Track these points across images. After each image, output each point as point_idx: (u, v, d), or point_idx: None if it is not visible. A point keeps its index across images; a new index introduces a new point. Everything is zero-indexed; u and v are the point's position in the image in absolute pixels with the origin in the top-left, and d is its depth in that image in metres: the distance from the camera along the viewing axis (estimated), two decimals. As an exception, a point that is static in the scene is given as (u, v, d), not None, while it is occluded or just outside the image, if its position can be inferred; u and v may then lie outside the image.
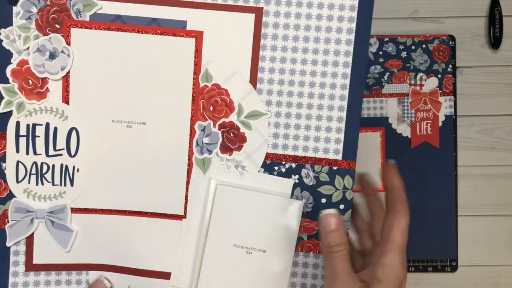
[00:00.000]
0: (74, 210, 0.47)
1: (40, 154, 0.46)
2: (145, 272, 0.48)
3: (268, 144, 0.46)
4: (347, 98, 0.45)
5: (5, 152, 0.46)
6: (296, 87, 0.46)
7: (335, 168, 0.46)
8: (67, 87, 0.45)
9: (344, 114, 0.46)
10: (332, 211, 0.41)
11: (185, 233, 0.47)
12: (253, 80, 0.46)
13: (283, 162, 0.46)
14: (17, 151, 0.46)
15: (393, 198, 0.42)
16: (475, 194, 0.67)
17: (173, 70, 0.45)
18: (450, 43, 0.66)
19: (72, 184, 0.47)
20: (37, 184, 0.47)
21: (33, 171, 0.46)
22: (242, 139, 0.46)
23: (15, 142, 0.46)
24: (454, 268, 0.66)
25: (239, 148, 0.46)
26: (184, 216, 0.47)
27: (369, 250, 0.46)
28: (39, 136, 0.46)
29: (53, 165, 0.46)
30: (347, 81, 0.45)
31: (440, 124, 0.67)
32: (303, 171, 0.46)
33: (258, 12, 0.45)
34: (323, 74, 0.45)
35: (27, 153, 0.46)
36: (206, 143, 0.46)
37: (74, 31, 0.44)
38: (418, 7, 0.67)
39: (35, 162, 0.46)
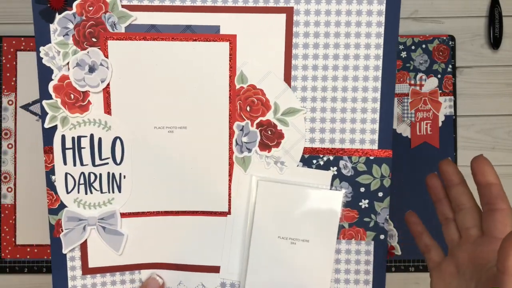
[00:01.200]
0: (123, 215, 0.49)
1: (87, 164, 0.48)
2: (195, 267, 0.50)
3: (305, 139, 0.48)
4: (379, 89, 0.47)
5: (53, 165, 0.48)
6: (329, 82, 0.47)
7: (371, 157, 0.48)
8: (108, 98, 0.47)
9: (378, 105, 0.47)
10: None
11: (230, 228, 0.49)
12: (287, 78, 0.47)
13: (321, 155, 0.48)
14: (65, 163, 0.48)
15: (492, 195, 0.38)
16: (475, 194, 0.66)
17: (209, 74, 0.47)
18: (450, 43, 0.66)
19: (120, 191, 0.49)
20: (86, 193, 0.49)
21: (82, 181, 0.48)
22: (280, 136, 0.48)
23: (62, 155, 0.47)
24: None
25: (277, 144, 0.48)
26: (229, 212, 0.49)
27: (456, 242, 0.42)
28: (84, 148, 0.48)
29: (100, 174, 0.48)
30: (379, 73, 0.46)
31: (440, 124, 0.66)
32: (341, 163, 0.48)
33: (289, 12, 0.46)
34: (355, 67, 0.47)
35: (74, 164, 0.48)
36: (245, 142, 0.48)
37: (111, 44, 0.46)
38: (418, 7, 0.67)
39: (82, 173, 0.48)
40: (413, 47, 0.66)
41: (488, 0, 0.67)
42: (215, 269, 0.50)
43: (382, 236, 0.49)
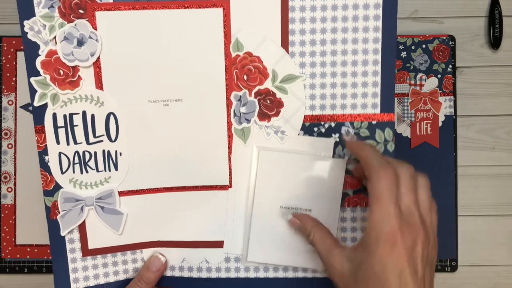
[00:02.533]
0: (122, 193, 0.48)
1: (81, 143, 0.46)
2: (198, 243, 0.49)
3: (306, 106, 0.46)
4: (380, 51, 0.45)
5: (46, 145, 0.46)
6: (328, 46, 0.45)
7: (374, 122, 0.47)
8: (98, 72, 0.45)
9: (379, 68, 0.46)
10: (290, 217, 0.46)
11: (233, 201, 0.48)
12: (285, 43, 0.45)
13: (322, 122, 0.47)
14: (58, 142, 0.46)
15: (364, 163, 0.40)
16: (475, 194, 0.67)
17: (203, 42, 0.45)
18: (450, 43, 0.66)
19: (116, 169, 0.47)
20: (81, 172, 0.47)
21: (76, 160, 0.47)
22: (279, 104, 0.46)
23: (54, 134, 0.46)
24: (454, 268, 0.67)
25: (277, 113, 0.47)
26: (230, 186, 0.48)
27: None
28: (77, 125, 0.46)
29: (95, 152, 0.47)
30: (379, 35, 0.45)
31: (440, 124, 0.66)
32: (343, 129, 0.47)
33: (284, -27, 0.44)
34: (355, 29, 0.45)
35: (68, 143, 0.46)
36: (244, 113, 0.46)
37: (99, 15, 0.43)
38: (418, 7, 0.67)
39: (77, 152, 0.46)
40: (413, 47, 0.66)
41: (488, 0, 0.67)
42: (219, 244, 0.49)
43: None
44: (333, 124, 0.47)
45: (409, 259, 0.35)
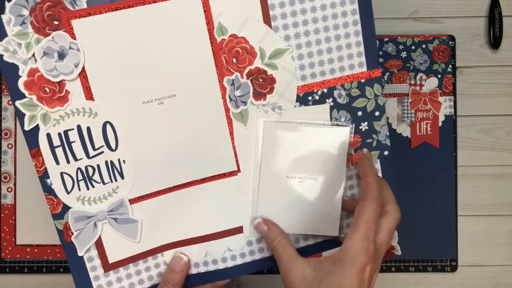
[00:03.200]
0: (132, 201, 0.47)
1: (81, 158, 0.45)
2: (217, 235, 0.49)
3: (297, 78, 0.47)
4: (358, 11, 0.47)
5: (46, 168, 0.44)
6: (309, 15, 0.46)
7: (363, 80, 0.48)
8: (86, 83, 0.43)
9: (359, 27, 0.47)
10: (258, 220, 0.48)
11: (244, 185, 0.48)
12: (267, 19, 0.45)
13: (315, 90, 0.48)
14: (57, 163, 0.44)
15: (364, 186, 0.44)
16: (475, 194, 0.67)
17: (186, 32, 0.44)
18: (450, 43, 0.66)
19: (122, 177, 0.46)
20: (88, 188, 0.45)
21: (80, 177, 0.45)
22: (272, 81, 0.47)
23: (52, 155, 0.44)
24: (454, 268, 0.67)
25: (271, 90, 0.47)
26: (239, 170, 0.48)
27: None
28: (74, 141, 0.44)
29: (98, 165, 0.45)
30: (354, -6, 0.46)
31: (440, 124, 0.66)
32: (335, 93, 0.48)
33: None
34: (331, -7, 0.46)
35: (68, 162, 0.44)
36: (239, 96, 0.47)
37: (75, 23, 0.42)
38: (418, 7, 0.67)
39: (79, 168, 0.45)
40: (413, 47, 0.66)
41: (488, 0, 0.67)
42: (238, 230, 0.49)
43: (386, 153, 0.50)
44: (325, 90, 0.48)
45: (368, 285, 0.42)
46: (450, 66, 0.66)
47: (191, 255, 0.49)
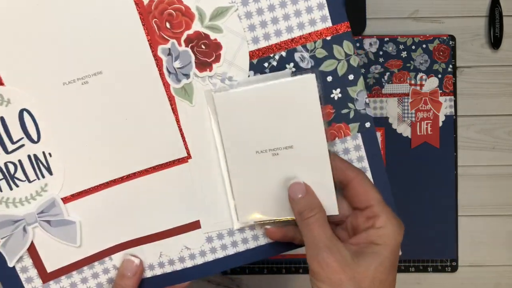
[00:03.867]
0: (66, 199, 0.41)
1: (-2, 154, 0.38)
2: (171, 231, 0.42)
3: (248, 41, 0.39)
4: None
5: (-43, 171, 0.38)
6: (253, -38, 0.38)
7: (328, 38, 0.40)
8: (-9, 65, 0.37)
9: (317, -27, 0.39)
10: (298, 179, 0.39)
11: (197, 173, 0.41)
12: (201, -29, 0.38)
13: (272, 55, 0.40)
14: (-31, 163, 0.38)
15: (344, 169, 0.39)
16: (475, 194, 0.68)
17: (105, -2, 0.37)
18: (450, 43, 0.67)
19: (50, 173, 0.40)
20: (11, 188, 0.40)
21: (0, 176, 0.39)
22: (217, 47, 0.39)
23: (-39, 154, 0.38)
24: (454, 268, 0.67)
25: (217, 58, 0.39)
26: (189, 156, 0.41)
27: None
28: (-13, 136, 0.38)
29: (20, 161, 0.39)
30: None
31: (440, 124, 0.67)
32: (296, 56, 0.40)
33: None
34: None
35: (-18, 159, 0.38)
36: (179, 68, 0.39)
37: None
38: (418, 7, 0.68)
39: (-3, 166, 0.39)
40: (413, 47, 0.67)
41: (488, 0, 0.67)
42: (195, 225, 0.42)
43: (367, 124, 0.41)
44: (284, 54, 0.40)
45: None
46: (451, 66, 0.67)
47: (144, 257, 0.43)
